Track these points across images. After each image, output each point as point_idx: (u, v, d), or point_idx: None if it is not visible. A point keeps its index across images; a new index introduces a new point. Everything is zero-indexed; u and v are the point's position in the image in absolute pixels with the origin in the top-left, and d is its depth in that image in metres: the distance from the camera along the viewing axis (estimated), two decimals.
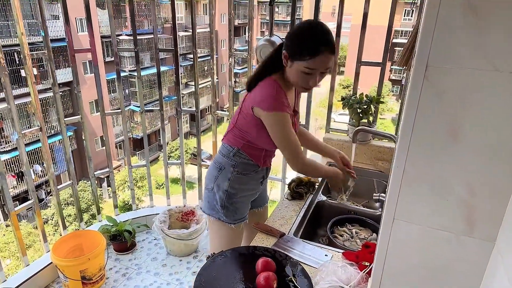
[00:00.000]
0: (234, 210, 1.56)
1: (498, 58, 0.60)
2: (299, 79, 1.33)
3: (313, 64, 1.27)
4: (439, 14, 0.61)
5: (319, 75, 1.32)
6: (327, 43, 1.26)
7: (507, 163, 0.64)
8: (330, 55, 1.28)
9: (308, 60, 1.26)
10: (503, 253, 0.66)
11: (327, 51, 1.26)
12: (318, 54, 1.25)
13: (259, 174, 1.60)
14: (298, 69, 1.30)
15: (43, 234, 2.38)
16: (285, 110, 1.36)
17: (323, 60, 1.27)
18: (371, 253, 1.24)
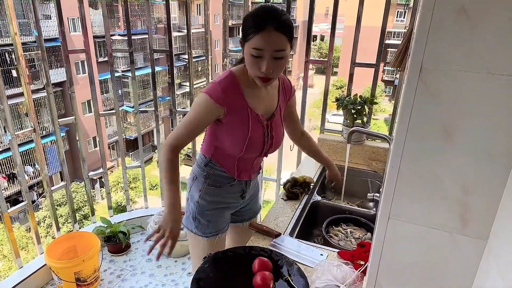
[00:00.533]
0: (205, 224, 1.46)
1: (490, 60, 0.61)
2: (251, 66, 1.20)
3: (258, 43, 1.15)
4: (433, 18, 0.63)
5: (271, 60, 1.18)
6: (271, 18, 1.15)
7: (499, 163, 0.66)
8: (276, 33, 1.15)
9: (253, 38, 1.15)
10: (495, 250, 0.68)
11: (271, 26, 1.14)
12: (261, 29, 1.14)
13: (235, 187, 1.47)
14: (248, 52, 1.18)
15: (36, 236, 2.36)
16: (213, 97, 1.22)
17: (269, 38, 1.15)
18: (366, 252, 1.26)
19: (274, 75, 1.22)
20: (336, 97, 2.22)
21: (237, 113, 1.29)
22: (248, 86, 1.30)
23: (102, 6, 2.35)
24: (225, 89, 1.24)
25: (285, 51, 1.19)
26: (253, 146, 1.34)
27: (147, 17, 2.54)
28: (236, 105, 1.28)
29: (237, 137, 1.31)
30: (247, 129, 1.30)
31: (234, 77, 1.28)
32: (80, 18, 2.26)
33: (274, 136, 1.40)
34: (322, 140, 2.31)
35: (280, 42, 1.17)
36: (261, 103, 1.35)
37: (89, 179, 2.71)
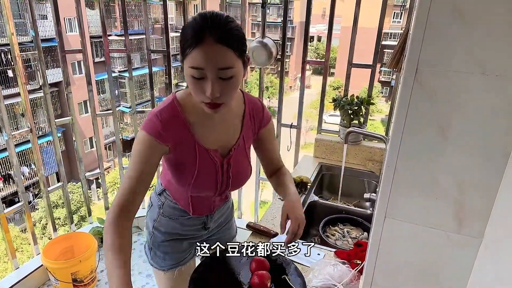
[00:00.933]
0: (161, 256, 1.31)
1: (485, 61, 0.62)
2: (193, 89, 0.96)
3: (197, 60, 0.90)
4: (428, 19, 0.64)
5: (217, 81, 0.93)
6: (211, 27, 0.89)
7: (493, 162, 0.67)
8: (219, 46, 0.90)
9: (191, 54, 0.91)
10: (491, 249, 0.69)
11: (212, 38, 0.89)
12: (199, 42, 0.89)
13: (193, 220, 1.28)
14: (187, 73, 0.94)
15: (33, 237, 2.35)
16: (151, 133, 1.00)
17: (210, 53, 0.90)
18: (363, 251, 1.27)
19: (223, 100, 0.96)
20: (333, 97, 2.23)
21: (183, 148, 1.07)
22: (196, 115, 1.06)
23: (100, 6, 2.35)
24: (165, 122, 1.02)
25: (233, 68, 0.93)
26: (202, 186, 1.15)
27: (144, 18, 2.54)
28: (180, 138, 1.06)
29: (183, 175, 1.11)
30: (194, 167, 1.10)
31: (176, 105, 1.05)
32: (77, 18, 2.25)
33: (231, 176, 1.17)
34: (319, 141, 2.32)
35: (225, 58, 0.91)
36: (214, 135, 1.11)
37: (86, 180, 2.70)
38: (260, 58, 2.27)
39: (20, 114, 11.69)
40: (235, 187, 1.24)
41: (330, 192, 2.20)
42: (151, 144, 1.01)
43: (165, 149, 1.05)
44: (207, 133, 1.09)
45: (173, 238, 1.30)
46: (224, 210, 1.38)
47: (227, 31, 0.92)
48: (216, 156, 1.12)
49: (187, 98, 1.06)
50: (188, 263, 1.36)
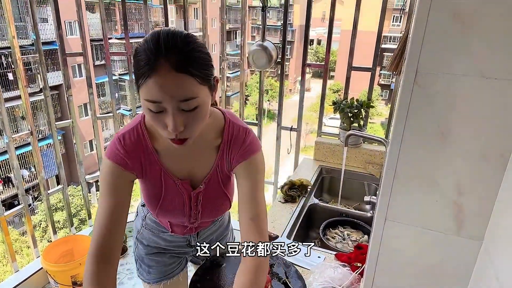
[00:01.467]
0: (146, 269, 1.25)
1: (484, 64, 0.63)
2: (153, 123, 0.82)
3: (152, 92, 0.75)
4: (428, 23, 0.64)
5: (179, 114, 0.78)
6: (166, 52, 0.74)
7: (493, 164, 0.67)
8: (176, 74, 0.74)
9: (144, 86, 0.76)
10: (491, 251, 0.69)
11: (168, 65, 0.74)
12: (153, 71, 0.74)
13: (176, 238, 1.20)
14: (144, 106, 0.80)
15: (33, 239, 2.35)
16: (115, 160, 0.92)
17: (166, 84, 0.75)
18: (363, 254, 1.27)
19: (189, 133, 0.83)
20: (333, 100, 2.23)
21: (149, 176, 0.98)
22: (163, 143, 0.95)
23: (101, 10, 2.36)
24: (129, 149, 0.92)
25: (196, 98, 0.78)
26: (169, 215, 1.08)
27: (145, 21, 2.56)
28: (146, 166, 0.96)
29: (150, 200, 1.04)
30: (160, 196, 1.01)
31: (142, 130, 0.93)
32: (78, 22, 2.26)
33: (201, 209, 1.06)
34: (319, 143, 2.32)
35: (185, 88, 0.76)
36: (184, 165, 1.00)
37: (86, 183, 2.71)
38: (260, 61, 2.28)
39: (20, 117, 11.70)
40: (207, 219, 1.13)
41: (330, 195, 2.20)
42: (116, 173, 0.92)
43: (132, 176, 0.96)
44: (175, 163, 0.98)
45: (156, 252, 1.23)
46: (214, 228, 1.27)
47: (186, 54, 0.76)
48: (184, 187, 1.01)
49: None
50: (176, 277, 1.29)
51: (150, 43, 0.76)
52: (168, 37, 0.76)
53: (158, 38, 0.76)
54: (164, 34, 0.76)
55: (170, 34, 0.76)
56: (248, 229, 0.94)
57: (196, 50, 0.78)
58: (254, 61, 2.29)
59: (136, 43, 0.89)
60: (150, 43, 0.76)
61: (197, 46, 0.79)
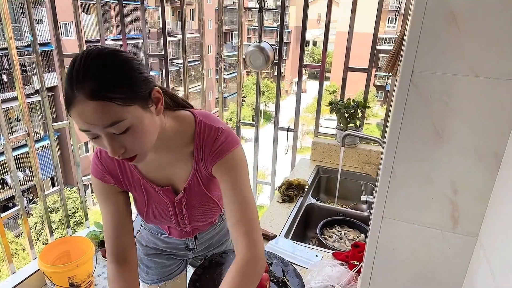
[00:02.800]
0: (144, 269, 1.26)
1: (478, 64, 0.64)
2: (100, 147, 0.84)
3: (77, 122, 0.74)
4: (423, 24, 0.66)
5: (113, 138, 0.76)
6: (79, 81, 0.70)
7: (487, 163, 0.69)
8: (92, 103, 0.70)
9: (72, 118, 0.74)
10: (485, 247, 0.70)
11: (82, 96, 0.70)
12: (70, 105, 0.72)
13: (175, 240, 1.20)
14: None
15: (29, 241, 2.34)
16: (96, 175, 0.96)
17: (83, 114, 0.72)
18: (360, 252, 1.28)
19: (134, 152, 0.80)
20: (330, 101, 2.25)
21: (131, 186, 1.00)
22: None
23: (97, 11, 2.37)
24: (106, 163, 0.95)
25: (123, 121, 0.74)
26: (157, 221, 1.09)
27: (142, 23, 2.56)
28: (126, 178, 0.98)
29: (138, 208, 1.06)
30: (144, 203, 1.03)
31: None
32: (75, 23, 2.26)
33: (187, 214, 1.05)
34: (316, 144, 2.34)
35: (106, 114, 0.72)
36: (163, 172, 0.99)
37: (82, 184, 2.70)
38: (257, 62, 2.29)
39: (14, 119, 11.63)
40: (197, 223, 1.11)
41: (327, 195, 2.22)
42: (101, 187, 0.96)
43: (116, 188, 0.97)
44: (154, 172, 0.98)
45: (154, 253, 1.24)
46: (214, 233, 1.25)
47: (101, 79, 0.71)
48: (166, 195, 1.01)
49: None
50: (174, 279, 1.29)
51: (68, 71, 0.73)
52: (82, 63, 0.72)
53: (73, 65, 0.72)
54: (80, 60, 0.72)
55: (85, 59, 0.72)
56: (235, 234, 0.89)
57: (116, 71, 0.73)
58: (251, 62, 2.30)
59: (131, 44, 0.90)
60: (68, 71, 0.73)
61: (118, 66, 0.74)
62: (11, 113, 11.43)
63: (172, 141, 0.91)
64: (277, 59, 2.38)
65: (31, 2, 2.04)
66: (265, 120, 20.33)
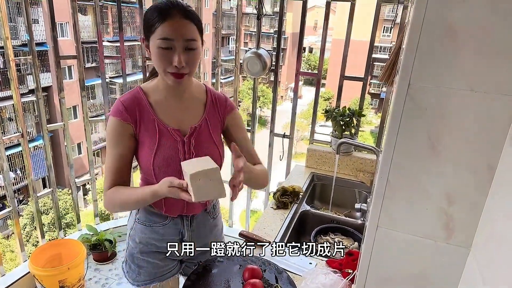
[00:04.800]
0: (136, 270, 1.28)
1: (474, 79, 0.65)
2: (160, 60, 1.06)
3: (166, 31, 1.02)
4: (421, 37, 0.67)
5: (183, 52, 1.04)
6: (177, 6, 1.04)
7: (480, 175, 0.70)
8: (186, 20, 1.04)
9: (159, 28, 1.03)
10: (478, 258, 0.71)
11: (179, 14, 1.03)
12: (168, 17, 1.02)
13: (169, 228, 1.24)
14: (155, 46, 1.05)
15: (20, 243, 2.31)
16: (116, 115, 1.12)
17: (178, 26, 1.03)
18: (354, 260, 1.28)
19: (187, 70, 1.07)
20: (325, 109, 2.27)
21: (145, 127, 1.14)
22: (157, 96, 1.16)
23: (96, 14, 2.37)
24: (126, 103, 1.13)
25: (196, 41, 1.07)
26: (165, 164, 1.14)
27: (140, 26, 2.56)
28: (142, 118, 1.14)
29: (145, 156, 1.15)
30: (154, 143, 1.14)
31: (139, 90, 1.16)
32: (72, 25, 2.26)
33: (194, 152, 1.17)
34: (311, 151, 2.35)
35: (191, 31, 1.05)
36: (175, 115, 1.17)
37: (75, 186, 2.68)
38: (255, 69, 2.31)
39: (7, 118, 11.50)
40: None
41: (321, 202, 2.22)
42: (117, 125, 1.12)
43: (130, 129, 1.13)
44: (167, 113, 1.16)
45: (148, 251, 1.26)
46: (209, 228, 1.32)
47: (189, 10, 1.07)
48: (177, 134, 1.16)
49: (149, 85, 1.18)
50: (166, 280, 1.31)
51: (161, 3, 1.05)
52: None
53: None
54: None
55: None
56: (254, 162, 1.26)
57: (195, 12, 1.09)
58: (248, 68, 2.31)
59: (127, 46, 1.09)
60: (161, 3, 1.05)
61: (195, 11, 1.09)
62: (3, 112, 11.31)
63: (189, 89, 1.19)
64: (274, 66, 2.40)
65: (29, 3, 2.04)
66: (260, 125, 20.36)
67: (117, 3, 2.39)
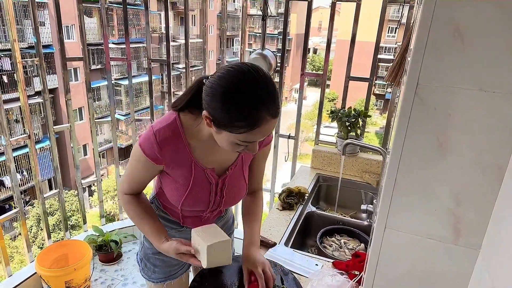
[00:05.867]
0: (151, 268, 1.30)
1: (482, 78, 0.65)
2: (230, 147, 0.96)
3: (251, 137, 0.91)
4: (429, 37, 0.66)
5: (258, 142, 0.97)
6: (269, 107, 0.88)
7: (489, 175, 0.69)
8: (274, 120, 0.91)
9: (244, 134, 0.90)
10: (488, 260, 0.71)
11: (269, 117, 0.89)
12: (257, 125, 0.88)
13: (186, 233, 1.22)
14: (229, 139, 0.93)
15: (27, 244, 2.33)
16: (147, 153, 1.01)
17: (265, 130, 0.90)
18: (361, 262, 1.28)
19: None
20: (331, 109, 2.26)
21: (178, 167, 1.07)
22: (197, 139, 1.05)
23: (102, 16, 2.38)
24: (162, 144, 1.01)
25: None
26: (193, 204, 1.14)
27: (145, 28, 2.58)
28: (178, 158, 1.05)
29: (175, 192, 1.11)
30: (187, 185, 1.09)
31: (179, 126, 1.02)
32: (79, 27, 2.28)
33: (225, 195, 1.16)
34: (316, 152, 2.34)
35: (273, 127, 0.94)
36: (213, 156, 1.09)
37: (81, 187, 2.69)
38: None
39: (14, 120, 11.61)
40: (227, 206, 1.24)
41: (327, 203, 2.21)
42: (146, 164, 1.04)
43: (159, 168, 1.08)
44: (205, 155, 1.08)
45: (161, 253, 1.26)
46: (220, 225, 1.33)
47: (278, 100, 0.92)
48: (212, 175, 1.11)
49: (191, 123, 1.03)
50: (179, 277, 1.35)
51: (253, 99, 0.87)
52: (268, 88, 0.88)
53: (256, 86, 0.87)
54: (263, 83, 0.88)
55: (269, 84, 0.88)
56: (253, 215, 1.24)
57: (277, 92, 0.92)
58: None
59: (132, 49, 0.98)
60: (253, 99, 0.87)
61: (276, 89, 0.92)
62: (10, 114, 11.42)
63: None
64: (279, 67, 2.40)
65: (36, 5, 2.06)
66: None
67: (123, 5, 2.40)
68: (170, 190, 1.12)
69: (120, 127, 16.35)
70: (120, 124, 16.25)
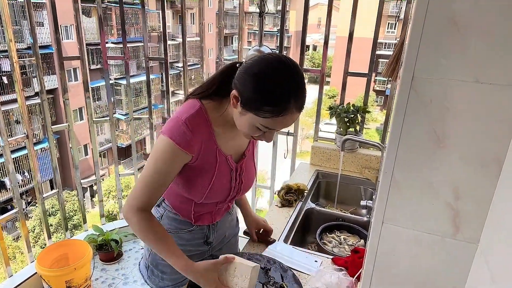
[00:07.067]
0: (159, 275, 1.26)
1: (479, 70, 0.64)
2: (249, 130, 0.98)
3: (273, 124, 0.94)
4: (424, 28, 0.66)
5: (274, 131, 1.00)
6: (298, 99, 0.92)
7: (487, 169, 0.69)
8: (297, 114, 0.95)
9: (269, 119, 0.92)
10: (486, 253, 0.70)
11: (295, 109, 0.93)
12: (283, 114, 0.92)
13: (195, 234, 1.23)
14: (251, 122, 0.95)
15: (27, 244, 2.33)
16: (179, 142, 0.98)
17: (288, 120, 0.94)
18: (360, 258, 1.27)
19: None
20: (330, 105, 2.25)
21: (205, 158, 1.06)
22: (220, 125, 1.06)
23: (99, 15, 2.37)
24: (195, 132, 1.00)
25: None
26: (216, 193, 1.14)
27: (142, 27, 2.57)
28: (205, 147, 1.05)
29: (199, 184, 1.10)
30: (213, 175, 1.09)
31: (204, 114, 1.03)
32: (76, 26, 2.27)
33: (243, 181, 1.18)
34: (316, 148, 2.33)
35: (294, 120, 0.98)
36: (232, 143, 1.12)
37: (81, 187, 2.69)
38: None
39: (14, 121, 11.62)
40: (245, 191, 1.25)
41: (326, 199, 2.21)
42: (177, 154, 0.99)
43: (187, 160, 1.03)
44: (225, 142, 1.09)
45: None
46: (227, 224, 1.35)
47: (305, 95, 0.95)
48: (231, 161, 1.13)
49: (215, 110, 1.04)
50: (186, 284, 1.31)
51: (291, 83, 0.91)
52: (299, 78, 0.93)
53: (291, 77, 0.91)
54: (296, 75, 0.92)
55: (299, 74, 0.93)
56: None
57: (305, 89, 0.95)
58: None
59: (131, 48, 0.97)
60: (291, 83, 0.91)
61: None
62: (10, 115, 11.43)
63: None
64: None
65: (32, 5, 2.05)
66: None
67: (120, 3, 2.39)
68: (192, 185, 1.10)
69: (121, 127, 16.37)
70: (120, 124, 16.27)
